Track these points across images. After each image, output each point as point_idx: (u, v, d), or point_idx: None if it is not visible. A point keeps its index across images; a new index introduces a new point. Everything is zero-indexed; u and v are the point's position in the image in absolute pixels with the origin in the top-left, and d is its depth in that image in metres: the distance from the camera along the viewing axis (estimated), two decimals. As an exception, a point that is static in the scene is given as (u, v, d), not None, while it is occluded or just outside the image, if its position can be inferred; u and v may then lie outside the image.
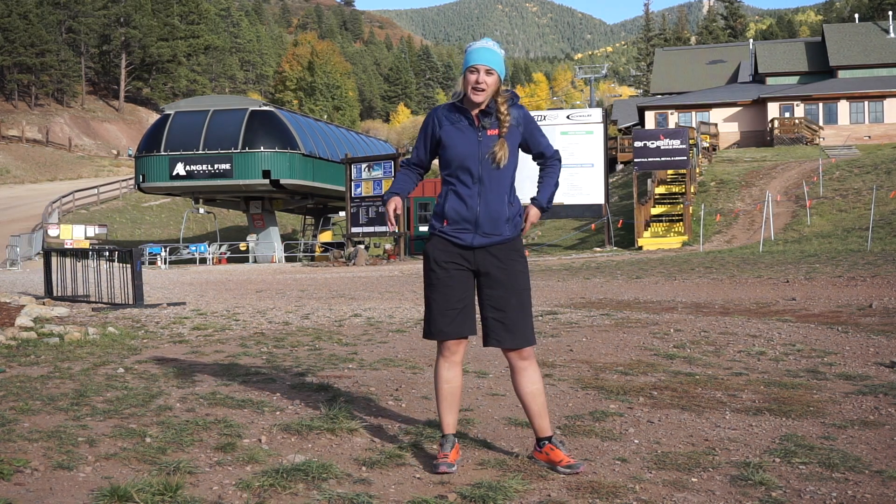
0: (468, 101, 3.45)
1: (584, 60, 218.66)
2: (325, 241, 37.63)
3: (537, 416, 3.51)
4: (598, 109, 30.81)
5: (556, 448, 3.44)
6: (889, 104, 43.19)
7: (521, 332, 3.47)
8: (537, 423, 3.51)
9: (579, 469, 3.34)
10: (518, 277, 3.49)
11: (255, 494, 3.04)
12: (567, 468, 3.35)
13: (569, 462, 3.38)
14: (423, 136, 3.56)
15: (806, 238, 24.13)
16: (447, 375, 3.53)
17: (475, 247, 3.46)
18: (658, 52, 60.65)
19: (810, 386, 5.04)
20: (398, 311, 10.06)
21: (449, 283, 3.47)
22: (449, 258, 3.47)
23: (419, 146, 3.60)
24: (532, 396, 3.51)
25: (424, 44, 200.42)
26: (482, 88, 3.38)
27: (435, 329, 3.49)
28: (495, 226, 3.46)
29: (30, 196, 47.09)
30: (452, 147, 3.46)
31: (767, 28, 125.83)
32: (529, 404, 3.52)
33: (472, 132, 3.45)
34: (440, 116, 3.51)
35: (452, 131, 3.47)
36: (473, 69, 3.39)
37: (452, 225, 3.47)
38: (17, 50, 71.71)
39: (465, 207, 3.44)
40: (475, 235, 3.45)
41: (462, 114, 3.47)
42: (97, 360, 6.24)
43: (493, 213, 3.45)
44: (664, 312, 9.56)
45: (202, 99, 41.60)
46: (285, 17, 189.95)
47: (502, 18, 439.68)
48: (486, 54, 3.40)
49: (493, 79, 3.40)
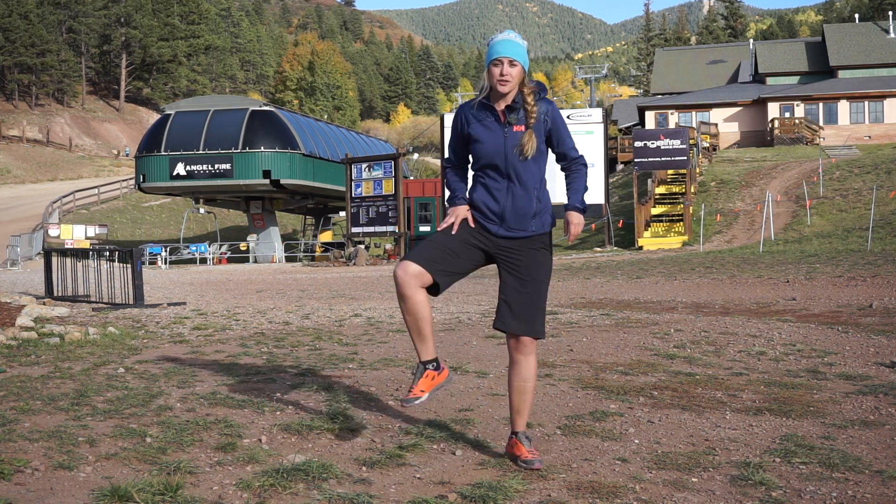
0: (494, 94, 3.45)
1: (585, 60, 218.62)
2: (326, 241, 37.64)
3: (514, 410, 3.57)
4: (599, 109, 30.81)
5: (520, 443, 3.48)
6: (889, 104, 43.19)
7: (528, 320, 3.45)
8: (513, 416, 3.59)
9: (534, 465, 3.38)
10: (538, 268, 3.49)
11: (255, 494, 3.04)
12: (524, 462, 3.41)
13: (527, 457, 3.42)
14: (455, 135, 3.59)
15: (806, 238, 24.12)
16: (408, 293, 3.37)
17: (500, 236, 3.49)
18: (658, 52, 60.66)
19: (810, 386, 5.04)
20: (398, 312, 10.06)
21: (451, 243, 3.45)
22: (463, 229, 3.48)
23: (455, 146, 3.61)
24: (516, 391, 3.54)
25: (424, 44, 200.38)
26: (507, 80, 3.39)
27: (413, 254, 3.41)
28: (521, 221, 3.46)
29: (30, 196, 47.08)
30: (479, 144, 3.48)
31: (767, 28, 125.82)
32: (511, 397, 3.58)
33: (498, 129, 3.46)
34: (467, 114, 3.53)
35: (479, 128, 3.48)
36: (497, 61, 3.40)
37: (479, 214, 3.50)
38: (17, 50, 71.70)
39: (492, 200, 3.47)
40: (500, 228, 3.48)
41: (488, 111, 3.48)
42: (97, 360, 6.24)
43: (520, 209, 3.45)
44: (664, 312, 9.56)
45: (202, 99, 41.61)
46: (285, 17, 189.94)
47: (502, 18, 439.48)
48: (509, 46, 3.41)
49: (517, 70, 3.40)
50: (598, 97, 77.10)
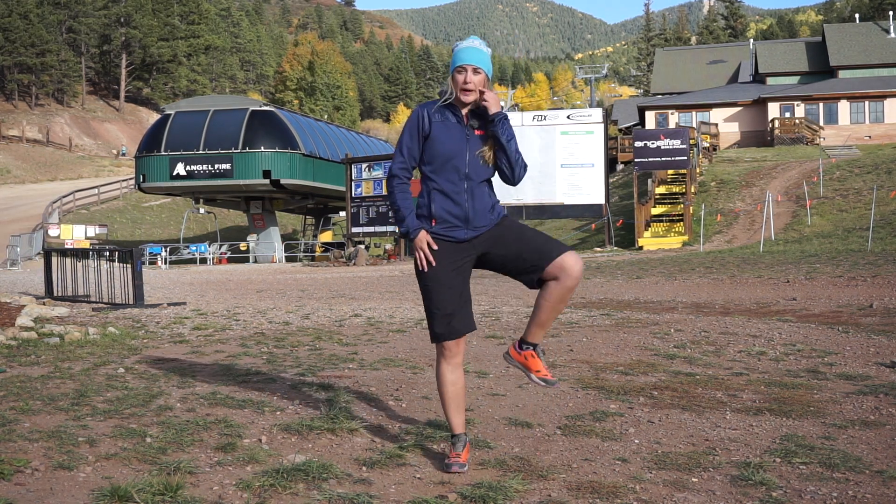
0: (458, 100, 3.45)
1: (585, 60, 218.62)
2: (326, 241, 37.63)
3: (538, 323, 3.49)
4: (599, 109, 30.80)
5: (538, 357, 3.44)
6: (889, 104, 43.17)
7: (553, 245, 3.42)
8: (533, 328, 3.51)
9: (554, 384, 3.34)
10: (519, 225, 3.50)
11: (255, 494, 3.04)
12: (542, 381, 3.37)
13: (545, 375, 3.38)
14: (412, 134, 3.48)
15: (806, 238, 24.12)
16: (451, 378, 3.52)
17: (468, 239, 3.47)
18: (658, 52, 60.65)
19: (811, 386, 5.03)
20: (398, 311, 10.06)
21: (445, 283, 3.45)
22: (442, 257, 3.45)
23: (411, 146, 3.48)
24: (555, 301, 3.42)
25: (424, 44, 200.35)
26: (470, 88, 3.40)
27: (439, 331, 3.48)
28: (483, 217, 3.47)
29: (30, 196, 47.08)
30: (440, 143, 3.43)
31: (768, 28, 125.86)
32: (542, 309, 3.45)
33: (459, 129, 3.45)
34: (430, 112, 3.48)
35: (441, 127, 3.45)
36: (461, 69, 3.41)
37: (442, 224, 3.44)
38: (17, 50, 71.68)
39: (454, 205, 3.43)
40: (466, 231, 3.45)
41: (451, 111, 3.47)
42: (97, 360, 6.24)
43: (481, 207, 3.46)
44: (664, 312, 9.56)
45: (202, 99, 41.60)
46: (285, 17, 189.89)
47: (502, 18, 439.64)
48: (472, 53, 3.42)
49: (481, 77, 3.41)
50: (598, 97, 77.12)
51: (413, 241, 3.45)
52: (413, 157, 3.49)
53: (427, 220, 3.47)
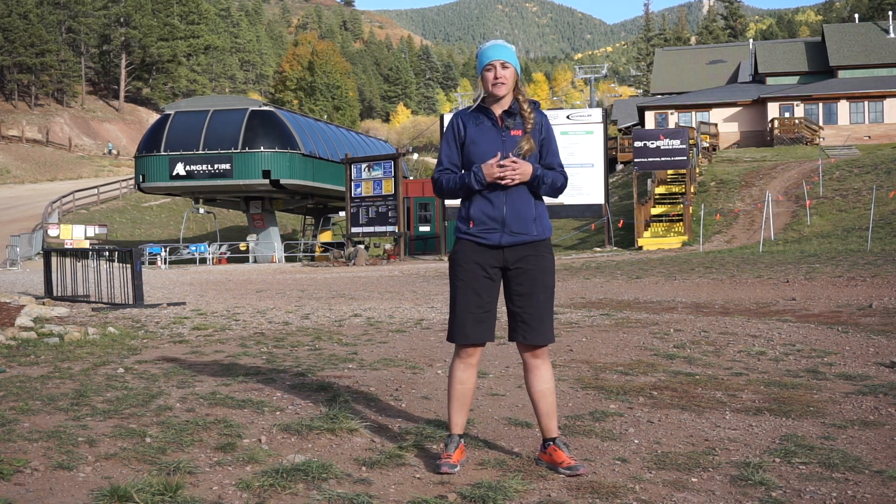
0: (491, 99, 3.46)
1: (584, 60, 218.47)
2: (325, 241, 37.63)
3: (545, 415, 3.51)
4: (598, 109, 30.81)
5: (560, 449, 3.43)
6: (889, 104, 43.18)
7: (544, 329, 3.46)
8: (544, 422, 3.51)
9: (579, 471, 3.33)
10: (546, 274, 3.48)
11: (255, 494, 3.04)
12: (568, 469, 3.35)
13: (570, 463, 3.37)
14: (449, 140, 3.53)
15: (806, 238, 24.13)
16: (462, 377, 3.53)
17: (504, 245, 3.44)
18: (658, 52, 60.67)
19: (810, 386, 5.04)
20: (398, 311, 10.06)
21: (475, 288, 3.45)
22: (476, 261, 3.45)
23: (450, 153, 3.52)
24: (542, 395, 3.50)
25: (424, 44, 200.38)
26: (502, 82, 3.40)
27: (459, 332, 3.48)
28: (523, 224, 3.43)
29: (30, 196, 47.07)
30: (477, 147, 3.45)
31: (767, 28, 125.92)
32: (538, 403, 3.52)
33: (495, 132, 3.46)
34: (464, 118, 3.51)
35: (476, 131, 3.47)
36: (489, 66, 3.42)
37: (479, 226, 3.44)
38: (17, 50, 71.67)
39: (491, 207, 3.42)
40: (503, 234, 3.43)
41: (485, 114, 3.48)
42: (97, 360, 6.24)
43: (520, 212, 3.43)
44: (664, 312, 9.56)
45: (202, 99, 41.59)
46: (285, 17, 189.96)
47: (502, 18, 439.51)
48: (498, 50, 3.44)
49: (510, 71, 3.42)
50: (598, 97, 77.08)
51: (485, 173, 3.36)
52: (454, 163, 3.52)
53: (465, 222, 3.48)
